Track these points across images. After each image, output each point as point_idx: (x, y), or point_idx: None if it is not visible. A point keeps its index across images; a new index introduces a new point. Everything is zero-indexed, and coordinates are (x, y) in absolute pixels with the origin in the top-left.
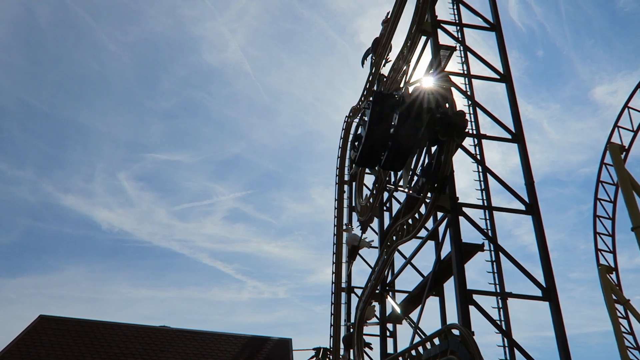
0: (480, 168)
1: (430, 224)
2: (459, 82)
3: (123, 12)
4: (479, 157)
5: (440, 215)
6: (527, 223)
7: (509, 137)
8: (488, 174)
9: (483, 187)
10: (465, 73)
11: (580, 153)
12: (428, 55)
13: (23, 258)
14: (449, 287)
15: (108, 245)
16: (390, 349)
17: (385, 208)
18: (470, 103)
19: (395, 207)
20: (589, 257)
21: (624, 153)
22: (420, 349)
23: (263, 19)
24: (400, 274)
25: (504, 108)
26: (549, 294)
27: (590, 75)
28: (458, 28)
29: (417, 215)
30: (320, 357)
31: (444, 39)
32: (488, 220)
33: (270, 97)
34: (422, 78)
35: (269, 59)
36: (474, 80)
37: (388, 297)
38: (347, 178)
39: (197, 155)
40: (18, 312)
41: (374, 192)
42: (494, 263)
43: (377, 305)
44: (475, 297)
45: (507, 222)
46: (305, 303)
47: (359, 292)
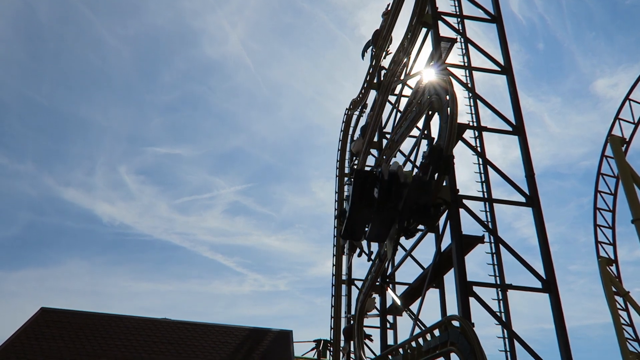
0: (481, 160)
1: None
2: (460, 74)
3: (123, 5)
4: (480, 149)
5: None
6: (527, 216)
7: (510, 129)
8: (488, 167)
9: (483, 179)
10: (466, 65)
11: (581, 146)
12: (429, 47)
13: (24, 251)
14: (449, 279)
15: (109, 239)
16: (391, 341)
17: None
18: (471, 95)
19: None
20: (589, 249)
21: (625, 145)
22: (421, 341)
23: (263, 12)
24: (401, 267)
25: (505, 101)
26: (549, 286)
27: (591, 68)
28: (459, 20)
29: None
30: (321, 348)
31: (445, 31)
32: (488, 213)
33: (271, 90)
34: (422, 70)
35: (270, 53)
36: (475, 73)
37: (388, 289)
38: (347, 171)
39: (197, 149)
40: (20, 304)
41: None
42: (494, 255)
43: (377, 298)
44: (476, 289)
45: (507, 215)
46: (306, 295)
47: (360, 284)
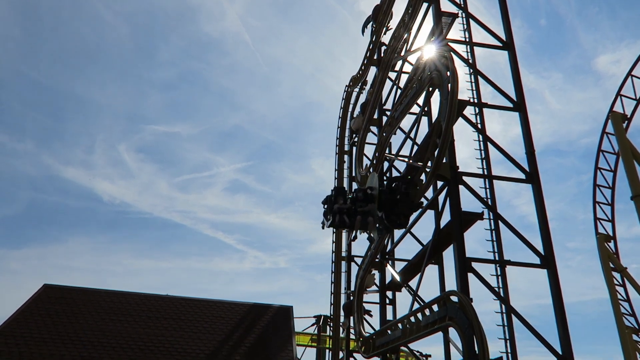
0: (481, 137)
1: (430, 193)
2: (461, 50)
3: None
4: (480, 126)
5: (440, 184)
6: (526, 194)
7: (511, 106)
8: (489, 143)
9: (483, 156)
10: (467, 41)
11: (582, 123)
12: (429, 23)
13: (26, 230)
14: (448, 255)
15: (110, 217)
16: (390, 316)
17: (386, 177)
18: (472, 71)
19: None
20: (588, 226)
21: (626, 122)
22: (419, 316)
23: None
24: (400, 243)
25: (506, 78)
26: (547, 262)
27: (594, 44)
28: None
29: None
30: (321, 324)
31: (446, 6)
32: (488, 189)
33: (270, 67)
34: (423, 46)
35: (268, 29)
36: (476, 49)
37: (388, 265)
38: (347, 148)
39: (196, 127)
40: (22, 282)
41: (374, 161)
42: (493, 232)
43: (376, 274)
44: (474, 265)
45: (506, 192)
46: (306, 272)
47: (359, 260)
